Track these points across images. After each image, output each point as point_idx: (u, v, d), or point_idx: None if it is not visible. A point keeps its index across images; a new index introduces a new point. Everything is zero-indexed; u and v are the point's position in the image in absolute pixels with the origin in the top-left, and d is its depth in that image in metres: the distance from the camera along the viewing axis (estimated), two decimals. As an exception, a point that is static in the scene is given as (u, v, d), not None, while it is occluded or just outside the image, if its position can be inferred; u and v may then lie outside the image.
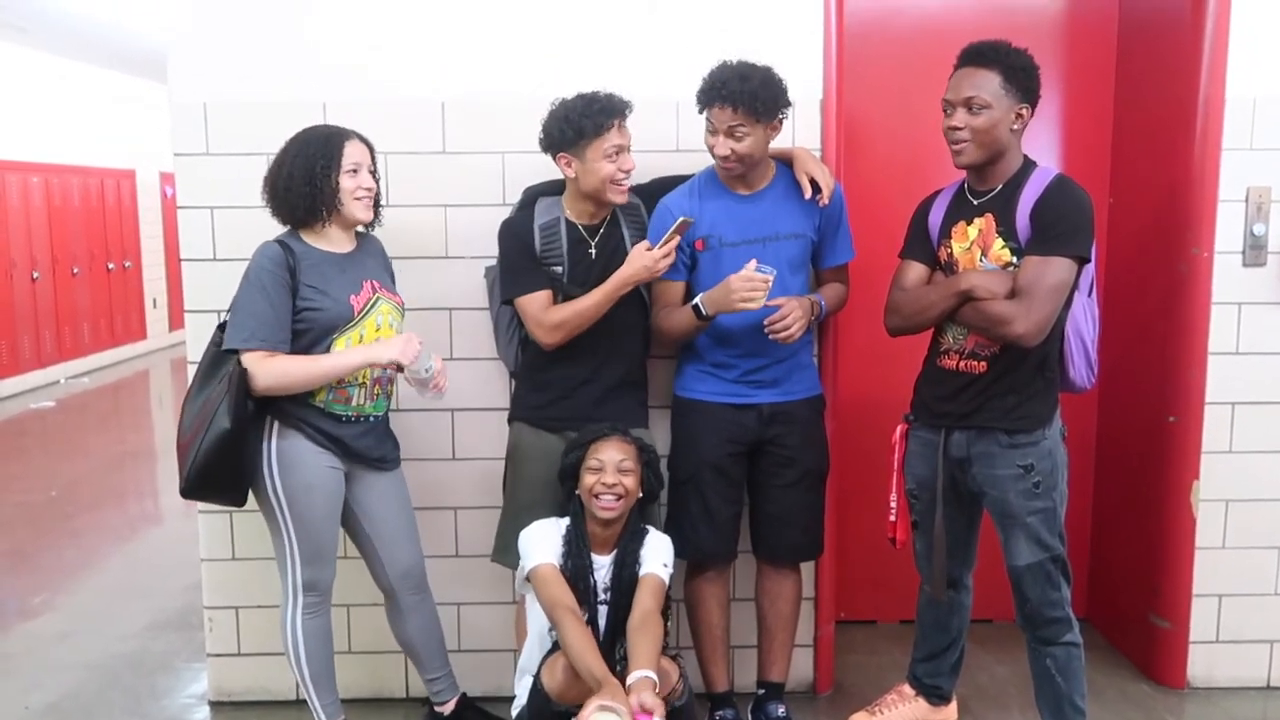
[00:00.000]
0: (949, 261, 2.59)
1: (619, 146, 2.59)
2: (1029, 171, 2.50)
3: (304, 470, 2.56)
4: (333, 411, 2.57)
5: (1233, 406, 3.11)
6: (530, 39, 2.95)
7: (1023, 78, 2.45)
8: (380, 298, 2.60)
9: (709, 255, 2.71)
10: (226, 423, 2.43)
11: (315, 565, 2.62)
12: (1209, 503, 3.12)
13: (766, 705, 2.94)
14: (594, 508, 2.54)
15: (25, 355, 8.59)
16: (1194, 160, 3.00)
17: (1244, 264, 3.07)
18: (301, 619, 2.65)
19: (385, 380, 2.65)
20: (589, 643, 2.39)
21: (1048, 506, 2.53)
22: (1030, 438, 2.52)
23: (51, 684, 3.37)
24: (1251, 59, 2.97)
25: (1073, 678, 2.60)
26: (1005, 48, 2.47)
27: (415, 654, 2.87)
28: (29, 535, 5.03)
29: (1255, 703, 3.17)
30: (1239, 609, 3.19)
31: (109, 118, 10.08)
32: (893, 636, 3.55)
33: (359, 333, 2.56)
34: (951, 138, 2.48)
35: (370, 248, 2.70)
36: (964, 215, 2.57)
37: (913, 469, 2.73)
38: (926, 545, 2.75)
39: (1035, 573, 2.55)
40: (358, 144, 2.57)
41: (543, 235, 2.69)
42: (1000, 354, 2.51)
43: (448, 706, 2.90)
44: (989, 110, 2.43)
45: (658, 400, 2.94)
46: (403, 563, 2.75)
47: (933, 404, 2.65)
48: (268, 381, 2.46)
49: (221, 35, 2.94)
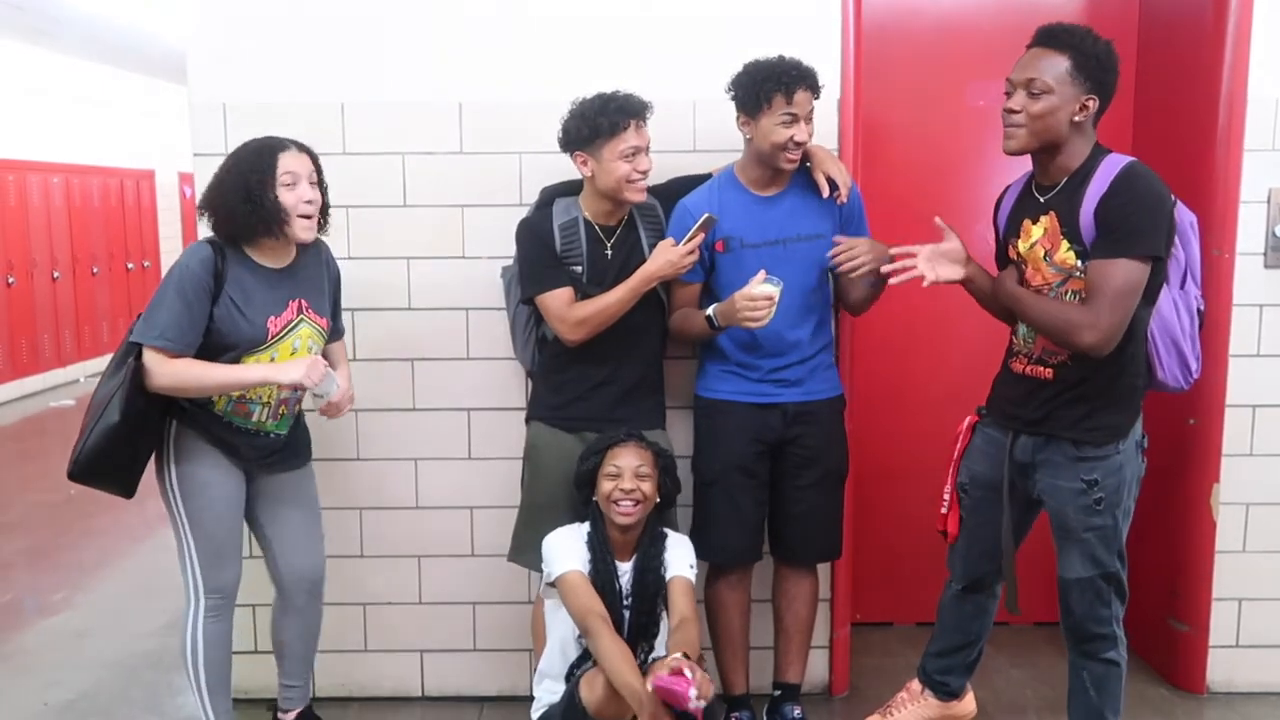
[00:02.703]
0: (1018, 260, 2.48)
1: (635, 147, 2.58)
2: (1096, 163, 2.34)
3: (199, 468, 2.52)
4: (231, 421, 2.53)
5: (1254, 409, 3.08)
6: (546, 40, 2.95)
7: (1095, 67, 2.30)
8: (304, 320, 2.54)
9: (730, 257, 2.70)
10: (116, 416, 2.38)
11: (214, 566, 2.58)
12: (1229, 506, 3.10)
13: (783, 706, 2.93)
14: (612, 514, 2.53)
15: (46, 354, 8.65)
16: (1215, 161, 2.97)
17: (1265, 265, 3.04)
18: (203, 623, 2.60)
19: (292, 401, 2.59)
20: (625, 655, 2.36)
21: (1107, 524, 2.43)
22: (1100, 451, 2.40)
23: (70, 681, 3.39)
24: (1274, 59, 2.94)
25: (1107, 695, 2.55)
26: (1083, 32, 2.31)
27: (283, 655, 2.81)
28: (49, 534, 5.06)
29: (1276, 708, 3.14)
30: (1260, 613, 3.16)
31: (129, 119, 10.15)
32: (909, 639, 3.53)
33: (270, 355, 2.50)
34: (1005, 120, 2.35)
35: (310, 259, 2.61)
36: (1029, 212, 2.44)
37: (971, 463, 2.65)
38: (966, 542, 2.70)
39: (1084, 588, 2.48)
40: (293, 154, 2.45)
41: (562, 235, 2.68)
42: (1069, 361, 2.39)
43: (289, 715, 2.85)
44: (1049, 96, 2.29)
45: (675, 401, 2.93)
46: (299, 567, 2.71)
47: (1004, 405, 2.57)
48: (163, 381, 2.40)
49: (240, 36, 2.96)
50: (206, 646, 2.61)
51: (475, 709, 3.07)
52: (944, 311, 3.22)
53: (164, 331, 2.39)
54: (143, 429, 2.45)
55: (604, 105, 2.57)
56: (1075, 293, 2.37)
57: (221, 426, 2.53)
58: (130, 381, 2.39)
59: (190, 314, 2.40)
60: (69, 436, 2.48)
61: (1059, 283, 2.40)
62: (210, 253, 2.45)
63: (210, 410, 2.51)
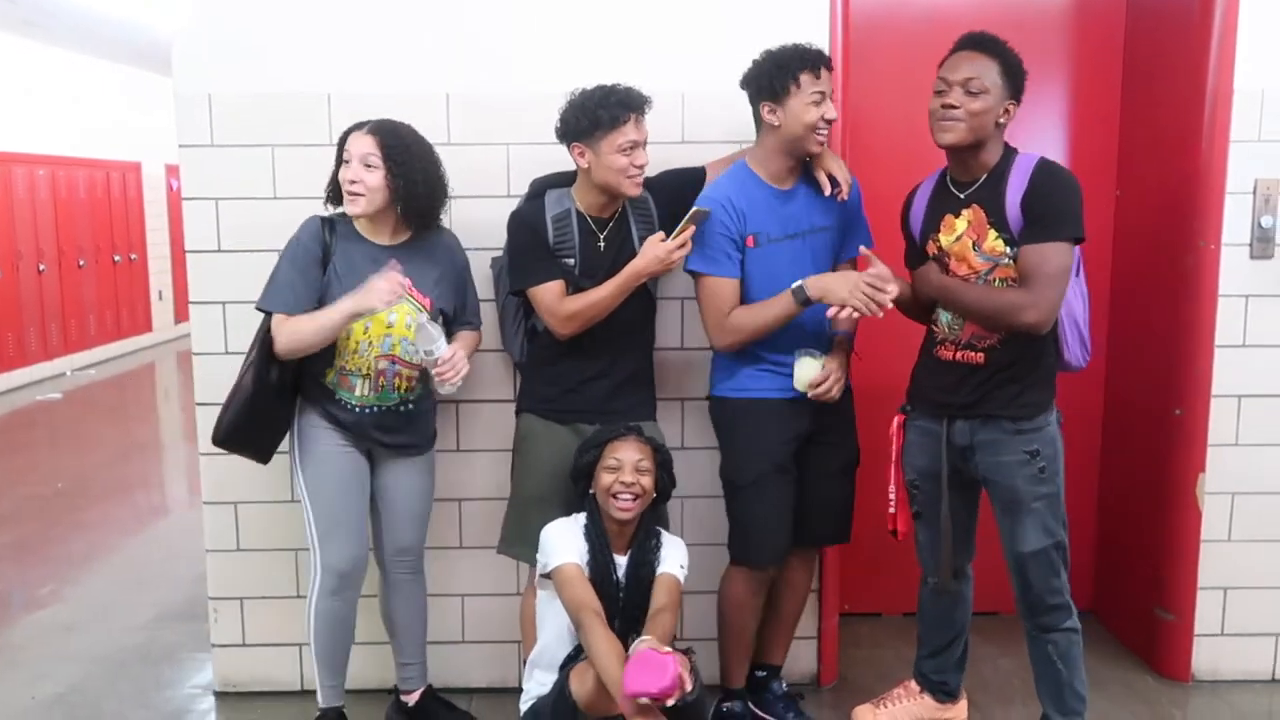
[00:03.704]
0: (939, 255, 2.58)
1: (634, 141, 2.57)
2: (1011, 160, 2.50)
3: (315, 443, 2.67)
4: (340, 396, 2.64)
5: (1239, 399, 3.10)
6: (534, 31, 2.94)
7: (1017, 75, 2.47)
8: (404, 297, 2.58)
9: (759, 251, 2.67)
10: (250, 385, 2.59)
11: (330, 540, 2.68)
12: (1214, 495, 3.12)
13: (771, 684, 2.96)
14: (610, 507, 2.53)
15: (32, 347, 8.61)
16: (1201, 152, 2.99)
17: (1251, 256, 3.06)
18: (316, 598, 2.72)
19: (391, 374, 2.65)
20: (617, 651, 2.34)
21: (1052, 492, 2.54)
22: (1034, 424, 2.53)
23: (58, 675, 3.38)
24: (1260, 51, 2.95)
25: (1073, 664, 2.61)
26: (1003, 43, 2.48)
27: (395, 634, 2.91)
28: (36, 527, 5.04)
29: (1260, 696, 3.17)
30: (1244, 602, 3.19)
31: (115, 111, 10.09)
32: (897, 629, 3.55)
33: (364, 324, 2.59)
34: (942, 115, 2.46)
35: (429, 242, 2.70)
36: (950, 208, 2.56)
37: (912, 460, 2.72)
38: (930, 536, 2.75)
39: (1040, 559, 2.55)
40: (357, 136, 2.57)
41: (555, 226, 2.67)
42: (998, 345, 2.52)
43: (413, 696, 2.93)
44: (986, 96, 2.43)
45: (663, 394, 2.93)
46: (399, 540, 2.80)
47: (933, 394, 2.65)
48: (282, 340, 2.55)
49: (226, 27, 2.94)
50: (318, 619, 2.74)
51: (464, 700, 3.08)
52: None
53: (278, 296, 2.59)
54: (275, 399, 2.63)
55: (604, 98, 2.56)
56: (1003, 279, 2.49)
57: (332, 402, 2.65)
58: (259, 349, 2.59)
59: (304, 279, 2.59)
60: (56, 430, 2.49)
61: (986, 270, 2.51)
62: (318, 225, 2.64)
63: (322, 384, 2.65)
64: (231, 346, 2.96)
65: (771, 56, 2.59)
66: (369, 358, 2.62)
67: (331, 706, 2.83)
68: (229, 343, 2.98)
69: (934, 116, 2.49)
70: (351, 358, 2.62)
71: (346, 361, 2.62)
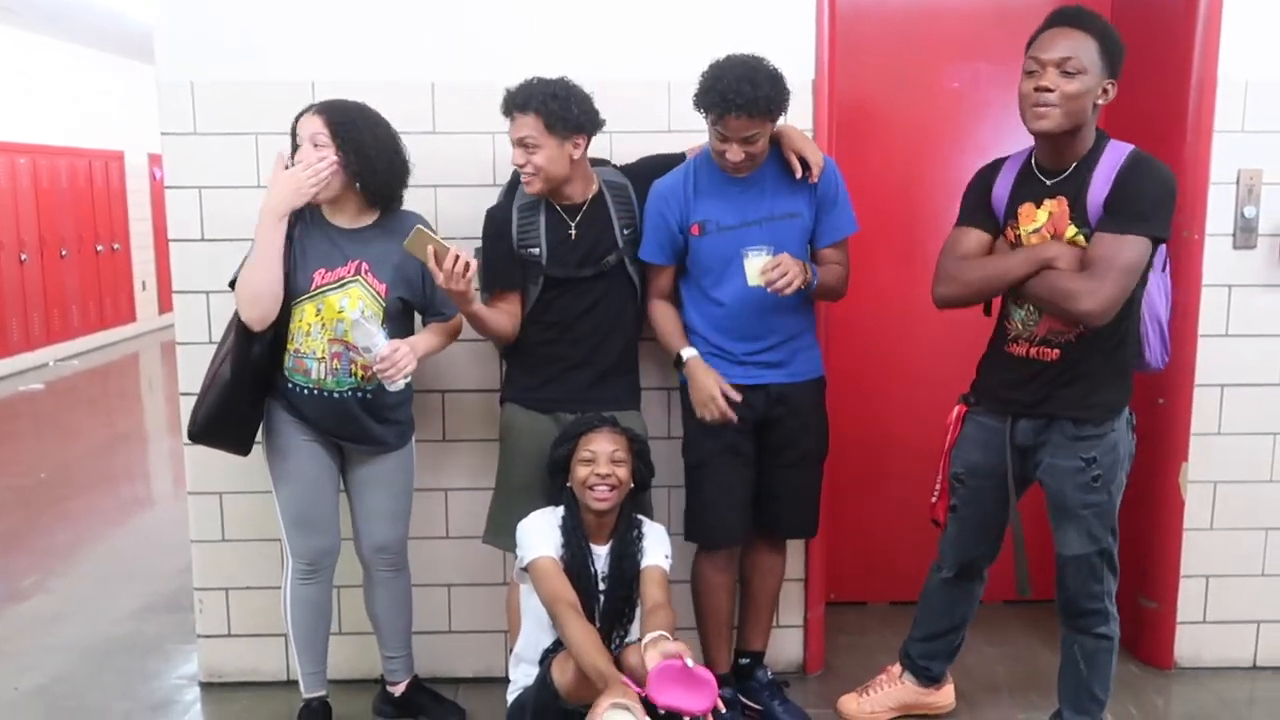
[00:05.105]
0: (1015, 244, 2.46)
1: (514, 139, 2.58)
2: (1101, 149, 2.35)
3: (280, 437, 2.66)
4: (295, 382, 2.61)
5: (1222, 389, 3.12)
6: (520, 19, 2.93)
7: (1118, 52, 2.30)
8: (358, 280, 2.57)
9: (706, 240, 2.68)
10: (228, 373, 2.57)
11: (300, 532, 2.70)
12: (1197, 484, 3.14)
13: (756, 672, 2.97)
14: (588, 499, 2.53)
15: (14, 338, 8.54)
16: (1186, 143, 3.00)
17: (1234, 246, 3.07)
18: (291, 584, 2.75)
19: (345, 357, 2.59)
20: (594, 639, 2.37)
21: (1103, 501, 2.47)
22: (1098, 429, 2.43)
23: (42, 666, 3.36)
24: (1244, 41, 2.96)
25: (1097, 669, 2.58)
26: (1101, 17, 2.31)
27: (379, 629, 2.90)
28: (20, 518, 5.02)
29: (1242, 682, 3.19)
30: (1226, 590, 3.21)
31: (98, 99, 10.01)
32: (883, 618, 3.56)
33: (315, 305, 2.57)
34: (1037, 99, 2.28)
35: (391, 228, 2.62)
36: (1033, 195, 2.42)
37: (964, 453, 2.64)
38: (959, 530, 2.71)
39: (1079, 564, 2.51)
40: (305, 117, 2.55)
41: (520, 217, 2.67)
42: (1075, 341, 2.40)
43: (399, 687, 2.94)
44: (1083, 77, 2.26)
45: (650, 382, 2.93)
46: (377, 538, 2.78)
47: (1000, 390, 2.55)
48: (239, 296, 2.53)
49: (208, 13, 2.92)
50: (294, 605, 2.75)
51: (451, 690, 3.08)
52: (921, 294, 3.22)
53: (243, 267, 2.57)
54: (253, 386, 2.60)
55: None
56: None
57: (291, 391, 2.62)
58: (236, 332, 2.56)
59: None
60: (39, 421, 2.48)
61: None
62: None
63: (283, 372, 2.61)
64: (215, 336, 2.92)
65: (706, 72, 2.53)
66: (321, 342, 2.58)
67: (314, 695, 2.83)
68: (213, 332, 2.96)
69: (1025, 101, 2.31)
70: (305, 340, 2.58)
71: (300, 344, 2.59)
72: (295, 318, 2.58)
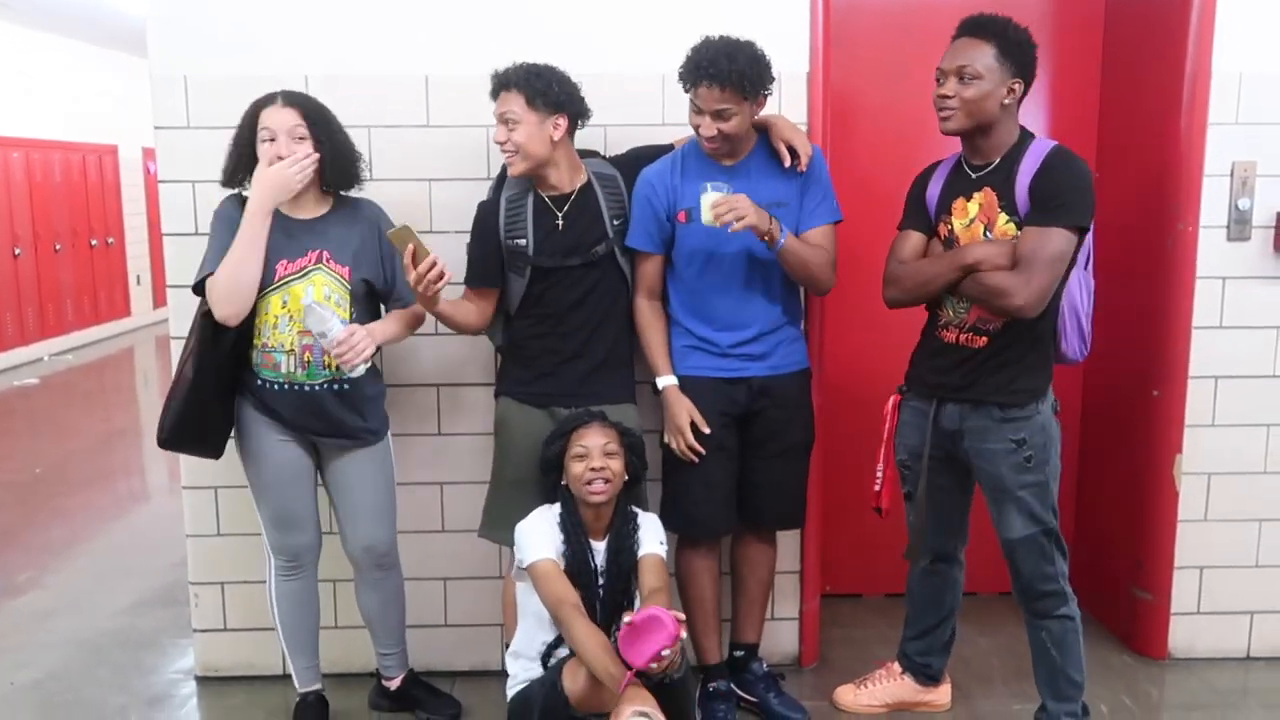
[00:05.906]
0: (949, 237, 2.57)
1: (497, 114, 2.61)
2: (1026, 144, 2.49)
3: (251, 439, 2.64)
4: (264, 378, 2.58)
5: (1216, 380, 3.13)
6: (512, 12, 2.92)
7: (1018, 53, 2.44)
8: (320, 268, 2.56)
9: (692, 228, 2.68)
10: (190, 373, 2.54)
11: (279, 530, 2.70)
12: (1191, 476, 3.15)
13: (751, 664, 2.98)
14: (584, 495, 2.53)
15: (8, 332, 8.53)
16: (1180, 135, 3.00)
17: (1228, 238, 3.07)
18: (275, 580, 2.75)
19: (317, 349, 2.56)
20: (601, 641, 2.35)
21: (1040, 480, 2.54)
22: (1023, 412, 2.52)
23: (38, 662, 3.36)
24: (1238, 34, 2.96)
25: (1068, 651, 2.61)
26: (1004, 21, 2.45)
27: (372, 627, 2.90)
28: (15, 513, 5.01)
29: (1235, 673, 3.21)
30: (1220, 581, 3.22)
31: (92, 93, 9.97)
32: (878, 610, 3.57)
33: (281, 297, 2.55)
34: (939, 105, 2.48)
35: (346, 215, 2.63)
36: (963, 190, 2.55)
37: (905, 439, 2.73)
38: (919, 517, 2.75)
39: (1028, 546, 2.56)
40: (275, 109, 2.52)
41: (508, 208, 2.68)
42: (1002, 329, 2.50)
43: (394, 682, 2.94)
44: (979, 81, 2.42)
45: (646, 376, 2.93)
46: (363, 538, 2.75)
47: (928, 375, 2.65)
48: (217, 295, 2.48)
49: (201, 7, 2.91)
50: (279, 601, 2.76)
51: (447, 683, 3.08)
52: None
53: (207, 263, 2.53)
54: (218, 386, 2.57)
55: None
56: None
57: (261, 388, 2.58)
58: (199, 332, 2.53)
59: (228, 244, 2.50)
60: (34, 415, 2.47)
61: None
62: (233, 201, 2.59)
63: (252, 370, 2.59)
64: (210, 331, 2.93)
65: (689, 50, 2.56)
66: (290, 334, 2.55)
67: (309, 690, 2.83)
68: (207, 327, 2.96)
69: (935, 106, 2.50)
70: (273, 334, 2.55)
71: (268, 339, 2.56)
72: (260, 311, 2.55)
